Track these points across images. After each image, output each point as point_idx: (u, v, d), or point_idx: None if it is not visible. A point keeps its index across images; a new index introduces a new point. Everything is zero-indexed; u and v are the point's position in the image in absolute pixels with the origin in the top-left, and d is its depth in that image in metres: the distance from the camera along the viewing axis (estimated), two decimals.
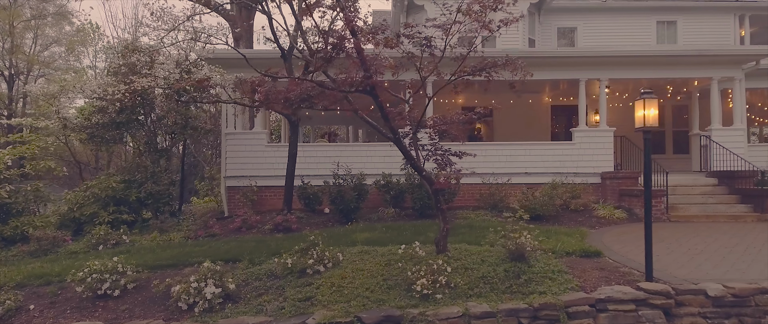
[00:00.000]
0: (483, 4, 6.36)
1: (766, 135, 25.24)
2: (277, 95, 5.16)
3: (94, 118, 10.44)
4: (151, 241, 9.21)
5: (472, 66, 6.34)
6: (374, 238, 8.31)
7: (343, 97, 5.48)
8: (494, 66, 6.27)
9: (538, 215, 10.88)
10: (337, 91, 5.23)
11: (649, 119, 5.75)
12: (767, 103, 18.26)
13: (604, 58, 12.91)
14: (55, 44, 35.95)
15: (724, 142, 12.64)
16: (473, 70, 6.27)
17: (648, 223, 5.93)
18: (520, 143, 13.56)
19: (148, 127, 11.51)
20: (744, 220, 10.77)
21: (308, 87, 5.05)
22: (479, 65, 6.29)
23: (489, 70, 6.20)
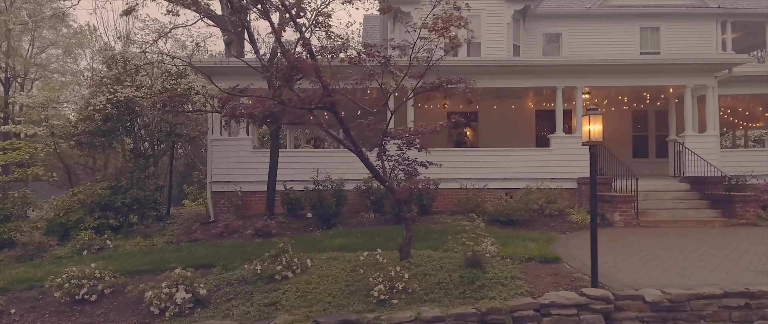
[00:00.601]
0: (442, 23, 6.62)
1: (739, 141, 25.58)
2: (243, 111, 5.49)
3: (81, 126, 10.77)
4: (134, 246, 9.54)
5: (430, 83, 6.66)
6: (347, 244, 8.64)
7: (307, 112, 5.81)
8: (449, 83, 6.59)
9: (512, 220, 11.23)
10: (298, 108, 5.56)
11: (594, 134, 6.08)
12: (748, 108, 18.62)
13: (580, 66, 13.26)
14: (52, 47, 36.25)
15: (696, 148, 12.97)
16: (431, 86, 6.60)
17: (593, 233, 6.25)
18: (498, 149, 13.91)
19: (134, 134, 11.84)
20: (711, 225, 11.10)
21: (270, 105, 5.38)
22: (437, 83, 6.61)
23: (445, 86, 6.52)
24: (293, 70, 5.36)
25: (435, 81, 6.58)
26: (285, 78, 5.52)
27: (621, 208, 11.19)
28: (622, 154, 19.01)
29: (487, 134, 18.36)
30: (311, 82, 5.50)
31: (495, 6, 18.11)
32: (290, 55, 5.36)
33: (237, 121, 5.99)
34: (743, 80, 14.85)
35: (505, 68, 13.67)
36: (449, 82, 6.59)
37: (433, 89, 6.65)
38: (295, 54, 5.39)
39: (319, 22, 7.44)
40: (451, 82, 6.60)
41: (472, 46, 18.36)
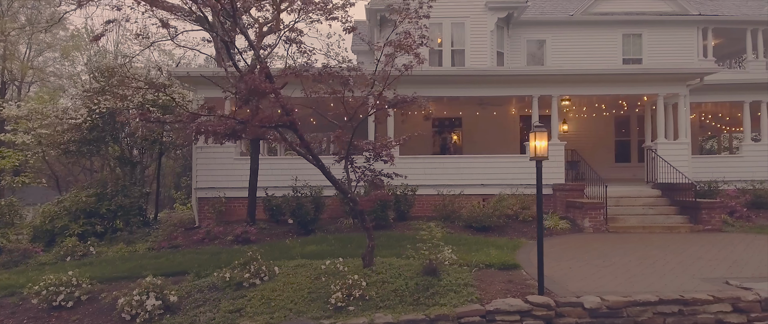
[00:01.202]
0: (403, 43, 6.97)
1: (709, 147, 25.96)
2: (208, 128, 5.84)
3: (67, 135, 11.13)
4: (116, 253, 9.89)
5: (389, 100, 7.01)
6: (319, 251, 9.00)
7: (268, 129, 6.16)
8: (404, 102, 6.95)
9: (485, 226, 11.58)
10: (257, 127, 5.93)
11: (539, 150, 6.43)
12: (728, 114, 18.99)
13: (554, 76, 13.64)
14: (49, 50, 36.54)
15: (667, 155, 13.33)
16: (390, 103, 6.96)
17: (540, 243, 6.60)
18: (475, 156, 14.28)
19: (120, 143, 12.20)
20: (678, 230, 11.46)
21: (232, 123, 5.74)
22: (393, 101, 6.97)
23: (401, 105, 6.89)
24: (251, 93, 5.73)
25: (394, 98, 6.93)
26: (244, 100, 5.88)
27: (590, 215, 11.54)
28: (606, 159, 19.44)
29: (471, 140, 18.73)
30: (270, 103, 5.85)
31: (478, 14, 18.48)
32: (248, 78, 5.71)
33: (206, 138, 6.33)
34: (720, 88, 15.27)
35: (480, 77, 14.06)
36: (404, 101, 6.95)
37: (392, 106, 7.01)
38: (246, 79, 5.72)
39: (291, 39, 7.81)
40: (405, 101, 6.95)
41: (457, 54, 18.76)
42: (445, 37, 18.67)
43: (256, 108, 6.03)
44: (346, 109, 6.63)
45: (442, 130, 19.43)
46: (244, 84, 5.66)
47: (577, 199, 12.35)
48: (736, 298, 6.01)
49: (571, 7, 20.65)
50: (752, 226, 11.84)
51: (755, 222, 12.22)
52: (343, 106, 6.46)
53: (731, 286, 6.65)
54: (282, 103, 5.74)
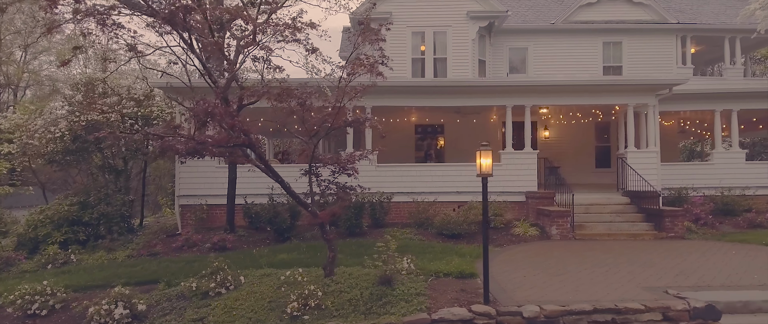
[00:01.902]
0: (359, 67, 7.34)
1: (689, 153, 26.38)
2: (171, 146, 6.22)
3: (50, 146, 11.50)
4: (96, 261, 10.27)
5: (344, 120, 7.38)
6: (288, 260, 9.37)
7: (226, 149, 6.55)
8: (357, 121, 7.35)
9: (456, 234, 11.96)
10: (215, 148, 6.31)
11: (484, 168, 6.81)
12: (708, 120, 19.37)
13: (526, 86, 14.02)
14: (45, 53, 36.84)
15: (636, 163, 13.72)
16: (345, 123, 7.33)
17: (485, 254, 6.98)
18: (449, 164, 14.70)
19: (103, 152, 12.57)
20: (642, 238, 11.85)
21: (193, 145, 6.12)
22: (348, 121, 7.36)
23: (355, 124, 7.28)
24: (207, 116, 6.12)
25: (348, 118, 7.32)
26: (200, 123, 6.27)
27: (557, 222, 11.92)
28: (586, 164, 19.85)
29: (454, 146, 19.11)
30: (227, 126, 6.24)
31: (460, 23, 18.86)
32: (200, 105, 6.11)
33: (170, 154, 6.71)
34: (691, 97, 15.69)
35: (454, 88, 14.47)
36: (358, 121, 7.34)
37: (347, 125, 7.39)
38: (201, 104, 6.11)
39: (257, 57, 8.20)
40: (359, 121, 7.34)
41: (439, 62, 19.15)
42: (427, 46, 19.06)
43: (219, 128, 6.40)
44: (305, 128, 7.00)
45: (425, 136, 19.81)
46: (200, 108, 6.05)
47: (547, 206, 12.73)
48: (667, 307, 6.39)
49: (553, 15, 21.04)
50: (715, 234, 12.23)
51: (719, 229, 12.62)
52: (302, 124, 6.82)
53: (669, 295, 7.03)
54: (236, 125, 6.13)
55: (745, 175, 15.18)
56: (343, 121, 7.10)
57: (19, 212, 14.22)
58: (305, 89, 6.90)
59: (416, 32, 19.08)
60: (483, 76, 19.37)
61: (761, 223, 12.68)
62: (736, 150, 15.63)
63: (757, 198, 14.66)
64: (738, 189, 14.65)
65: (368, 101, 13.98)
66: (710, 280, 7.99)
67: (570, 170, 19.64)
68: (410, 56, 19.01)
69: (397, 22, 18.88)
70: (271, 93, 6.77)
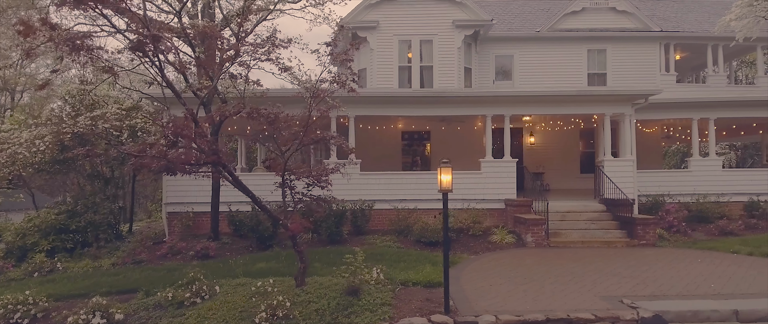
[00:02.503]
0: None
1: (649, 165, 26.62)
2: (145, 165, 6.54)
3: (37, 156, 11.82)
4: (81, 269, 10.58)
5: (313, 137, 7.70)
6: (267, 269, 9.69)
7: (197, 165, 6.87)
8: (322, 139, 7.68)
9: (434, 241, 12.27)
10: (185, 165, 6.63)
11: (445, 184, 7.12)
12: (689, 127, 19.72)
13: (504, 97, 14.35)
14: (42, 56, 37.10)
15: (613, 170, 14.04)
16: (315, 139, 7.66)
17: (446, 263, 7.29)
18: (430, 172, 15.03)
19: (91, 161, 12.90)
20: (615, 245, 12.17)
21: (164, 163, 6.44)
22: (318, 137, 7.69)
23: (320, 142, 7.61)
24: (176, 136, 6.43)
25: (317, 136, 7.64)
26: (169, 144, 6.58)
27: (532, 230, 12.24)
28: (571, 170, 20.20)
29: (440, 152, 19.38)
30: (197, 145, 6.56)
31: (446, 32, 19.20)
32: (169, 127, 6.42)
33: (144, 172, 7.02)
34: (670, 106, 16.04)
35: (434, 99, 14.81)
36: (323, 139, 7.67)
37: (317, 142, 7.72)
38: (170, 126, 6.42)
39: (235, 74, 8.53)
40: (324, 139, 7.67)
41: (425, 70, 19.48)
42: (414, 54, 19.39)
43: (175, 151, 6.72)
44: (276, 145, 7.32)
45: (412, 142, 20.13)
46: (169, 129, 6.37)
47: (523, 214, 13.04)
48: (616, 317, 6.71)
49: (538, 23, 21.38)
50: (686, 241, 12.55)
51: (691, 236, 12.94)
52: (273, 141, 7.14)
53: (623, 304, 7.35)
54: (205, 145, 6.45)
55: (721, 183, 15.51)
56: (310, 138, 7.42)
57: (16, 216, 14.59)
58: (272, 110, 7.21)
59: (403, 41, 19.41)
60: (469, 83, 19.72)
61: (732, 231, 12.99)
62: (712, 158, 15.96)
63: (731, 205, 15.00)
64: (714, 196, 14.98)
65: (351, 111, 14.37)
66: (668, 289, 8.31)
67: (555, 175, 20.04)
68: (397, 64, 19.34)
69: (384, 31, 19.29)
70: (241, 112, 7.09)
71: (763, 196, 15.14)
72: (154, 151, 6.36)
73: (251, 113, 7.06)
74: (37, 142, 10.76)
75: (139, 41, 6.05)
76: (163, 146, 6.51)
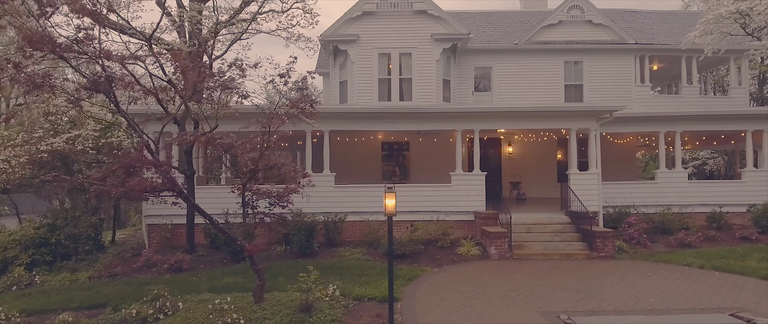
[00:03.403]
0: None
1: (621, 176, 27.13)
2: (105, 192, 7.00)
3: (18, 172, 12.27)
4: (58, 282, 11.02)
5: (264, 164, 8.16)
6: (233, 284, 10.15)
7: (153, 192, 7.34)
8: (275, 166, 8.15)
9: (402, 254, 12.71)
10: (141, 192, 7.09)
11: (389, 208, 7.58)
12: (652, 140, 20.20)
13: (474, 113, 14.83)
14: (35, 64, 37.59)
15: (578, 183, 14.52)
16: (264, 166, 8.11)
17: (390, 283, 7.75)
18: (402, 185, 15.44)
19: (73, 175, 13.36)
20: (575, 257, 12.63)
21: (123, 190, 6.90)
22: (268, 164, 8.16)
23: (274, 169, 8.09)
24: (131, 168, 6.90)
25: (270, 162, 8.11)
26: (125, 173, 7.05)
27: (496, 243, 12.70)
28: (548, 179, 20.67)
29: (418, 163, 19.92)
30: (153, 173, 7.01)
31: (425, 45, 19.65)
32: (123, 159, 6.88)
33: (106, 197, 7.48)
34: (637, 119, 16.54)
35: (406, 114, 15.27)
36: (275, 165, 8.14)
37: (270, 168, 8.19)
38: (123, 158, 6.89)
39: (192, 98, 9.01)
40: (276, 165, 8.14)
41: (404, 82, 19.92)
42: (393, 66, 19.84)
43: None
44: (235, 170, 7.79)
45: (392, 152, 20.60)
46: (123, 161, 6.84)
47: (489, 227, 13.50)
48: None
49: (517, 35, 21.85)
50: (645, 253, 13.01)
51: (650, 249, 13.39)
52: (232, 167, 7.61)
53: (560, 320, 7.82)
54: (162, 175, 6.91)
55: (686, 194, 16.00)
56: (264, 164, 7.89)
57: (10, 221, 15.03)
58: (226, 140, 7.68)
59: (383, 54, 19.86)
60: (448, 94, 20.17)
61: (690, 243, 13.44)
62: (678, 170, 16.44)
63: (695, 216, 15.45)
64: (678, 207, 15.47)
65: (325, 126, 14.84)
66: (608, 304, 8.77)
67: (533, 184, 20.51)
68: (377, 76, 19.78)
69: (364, 44, 19.74)
70: (200, 140, 7.56)
71: (726, 208, 15.61)
72: (113, 180, 6.80)
73: (209, 141, 7.52)
74: (12, 162, 11.21)
75: (94, 81, 6.52)
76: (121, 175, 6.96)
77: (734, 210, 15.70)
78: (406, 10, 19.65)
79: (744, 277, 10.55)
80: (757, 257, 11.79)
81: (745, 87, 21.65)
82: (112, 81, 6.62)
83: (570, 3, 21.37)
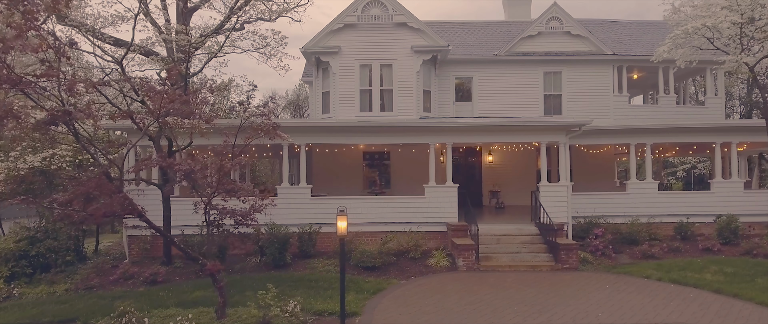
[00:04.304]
0: None
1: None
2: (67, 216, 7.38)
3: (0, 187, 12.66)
4: (36, 296, 11.39)
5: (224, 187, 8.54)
6: (201, 298, 10.50)
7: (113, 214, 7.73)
8: (234, 190, 8.53)
9: (372, 266, 13.08)
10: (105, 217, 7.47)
11: (341, 230, 7.96)
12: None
13: (445, 128, 15.21)
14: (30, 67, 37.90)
15: (548, 196, 14.91)
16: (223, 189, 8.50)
17: (342, 300, 8.13)
18: (376, 197, 15.91)
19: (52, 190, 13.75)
20: (540, 269, 13.01)
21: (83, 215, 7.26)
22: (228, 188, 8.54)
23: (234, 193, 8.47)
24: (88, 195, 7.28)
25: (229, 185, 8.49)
26: (86, 200, 7.43)
27: (463, 255, 13.08)
28: (528, 187, 20.95)
29: (399, 172, 20.33)
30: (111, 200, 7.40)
31: (405, 57, 20.04)
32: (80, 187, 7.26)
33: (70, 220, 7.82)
34: (608, 132, 16.95)
35: (379, 129, 15.64)
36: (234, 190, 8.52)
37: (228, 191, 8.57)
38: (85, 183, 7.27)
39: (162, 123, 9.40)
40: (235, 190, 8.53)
41: (385, 93, 20.31)
42: (374, 77, 20.22)
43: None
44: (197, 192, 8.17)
45: (373, 162, 21.00)
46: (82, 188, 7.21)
47: (459, 238, 13.87)
48: None
49: (497, 46, 22.23)
50: (608, 265, 13.37)
51: (615, 260, 13.77)
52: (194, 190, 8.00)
53: None
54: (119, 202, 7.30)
55: (656, 205, 16.39)
56: (224, 187, 8.28)
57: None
58: (185, 164, 8.06)
59: (364, 65, 20.23)
60: (428, 105, 20.55)
61: (654, 254, 13.82)
62: (649, 181, 16.83)
63: (664, 226, 15.86)
64: (646, 217, 15.85)
65: (302, 140, 15.26)
66: (559, 318, 9.13)
67: (513, 192, 20.91)
68: (359, 87, 20.16)
69: (346, 56, 20.13)
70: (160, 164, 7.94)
71: (695, 218, 16.00)
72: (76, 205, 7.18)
73: (170, 165, 7.91)
74: None
75: (52, 116, 6.90)
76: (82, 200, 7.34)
77: (703, 220, 16.08)
78: (386, 22, 20.04)
79: (697, 289, 10.94)
80: (713, 269, 12.17)
81: (721, 97, 22.05)
82: (70, 114, 7.01)
83: (549, 14, 21.77)
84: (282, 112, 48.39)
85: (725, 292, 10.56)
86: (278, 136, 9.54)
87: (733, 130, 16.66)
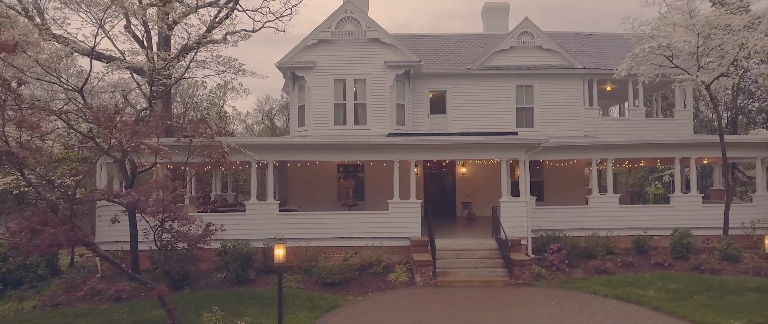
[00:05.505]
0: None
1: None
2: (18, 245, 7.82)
3: None
4: (4, 313, 11.81)
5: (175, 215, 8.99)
6: (160, 317, 10.89)
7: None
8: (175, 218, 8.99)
9: (331, 282, 13.50)
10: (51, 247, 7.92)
11: (278, 258, 8.41)
12: None
13: (409, 146, 15.65)
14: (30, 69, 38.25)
15: (508, 211, 15.37)
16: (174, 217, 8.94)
17: (280, 317, 8.58)
18: (339, 213, 16.39)
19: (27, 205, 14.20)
20: (494, 284, 13.45)
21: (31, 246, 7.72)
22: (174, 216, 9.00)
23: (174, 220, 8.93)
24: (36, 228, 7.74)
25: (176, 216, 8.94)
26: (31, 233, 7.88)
27: (421, 270, 13.52)
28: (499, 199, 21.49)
29: (373, 185, 20.73)
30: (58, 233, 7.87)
31: (378, 71, 20.51)
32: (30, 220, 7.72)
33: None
34: (572, 148, 17.41)
35: (346, 147, 16.06)
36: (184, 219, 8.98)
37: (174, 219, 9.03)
38: None
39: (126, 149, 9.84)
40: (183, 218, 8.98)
41: (359, 107, 20.78)
42: (348, 92, 20.69)
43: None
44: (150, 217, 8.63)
45: (347, 174, 21.43)
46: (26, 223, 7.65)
47: (419, 253, 14.30)
48: None
49: (471, 60, 22.68)
50: (562, 280, 13.81)
51: (569, 274, 14.20)
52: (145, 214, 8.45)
53: None
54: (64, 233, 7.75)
55: (617, 218, 16.85)
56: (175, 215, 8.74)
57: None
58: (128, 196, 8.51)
59: (338, 80, 20.70)
60: (402, 118, 21.02)
61: (607, 269, 14.24)
62: (610, 195, 17.28)
63: (623, 239, 16.31)
64: (606, 230, 16.31)
65: (269, 157, 15.68)
66: None
67: (485, 203, 21.27)
68: (333, 101, 20.62)
69: (320, 71, 20.60)
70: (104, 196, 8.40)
71: (654, 231, 16.46)
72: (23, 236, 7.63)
73: (116, 195, 8.36)
74: None
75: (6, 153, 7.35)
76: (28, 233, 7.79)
77: (662, 233, 16.52)
78: (360, 38, 20.51)
79: (637, 306, 11.40)
80: (658, 285, 12.62)
81: (690, 109, 22.55)
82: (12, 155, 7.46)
83: (521, 29, 22.24)
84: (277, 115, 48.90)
85: (663, 310, 11.01)
86: (242, 153, 9.98)
87: (691, 146, 17.13)
